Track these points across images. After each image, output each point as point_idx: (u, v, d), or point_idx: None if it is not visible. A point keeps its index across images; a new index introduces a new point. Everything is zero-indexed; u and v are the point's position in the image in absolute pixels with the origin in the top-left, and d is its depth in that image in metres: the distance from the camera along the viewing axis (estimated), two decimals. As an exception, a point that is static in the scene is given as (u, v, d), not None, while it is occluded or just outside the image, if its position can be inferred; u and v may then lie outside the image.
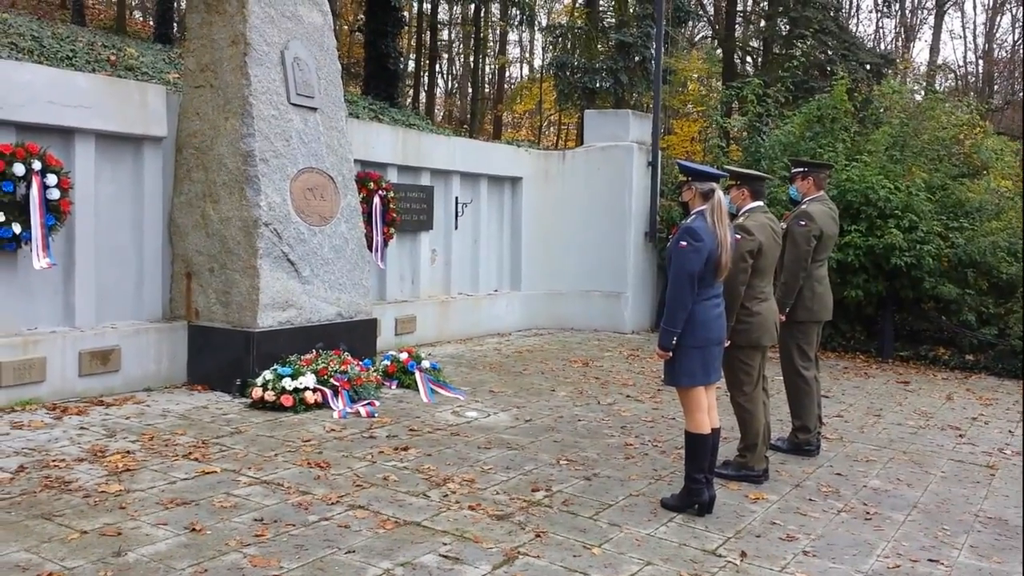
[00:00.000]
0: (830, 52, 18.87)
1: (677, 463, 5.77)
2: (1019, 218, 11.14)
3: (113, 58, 11.80)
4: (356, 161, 8.92)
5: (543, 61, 26.82)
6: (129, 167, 7.52)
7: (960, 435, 7.22)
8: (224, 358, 7.35)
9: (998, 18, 32.79)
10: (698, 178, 4.87)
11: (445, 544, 4.24)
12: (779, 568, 4.18)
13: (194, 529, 4.24)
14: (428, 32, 25.89)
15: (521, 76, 34.24)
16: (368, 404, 6.96)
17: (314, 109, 7.99)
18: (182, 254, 7.71)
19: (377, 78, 16.95)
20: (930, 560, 4.40)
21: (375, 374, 7.60)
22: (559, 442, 6.34)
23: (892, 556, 4.42)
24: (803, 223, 6.19)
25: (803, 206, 6.33)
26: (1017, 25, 32.65)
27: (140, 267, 7.58)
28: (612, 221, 12.40)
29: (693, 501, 4.87)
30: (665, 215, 12.69)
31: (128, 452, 5.49)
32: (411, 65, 26.77)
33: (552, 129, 32.30)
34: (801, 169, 6.47)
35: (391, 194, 9.51)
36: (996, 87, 31.63)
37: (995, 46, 33.08)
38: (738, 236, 5.20)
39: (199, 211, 7.59)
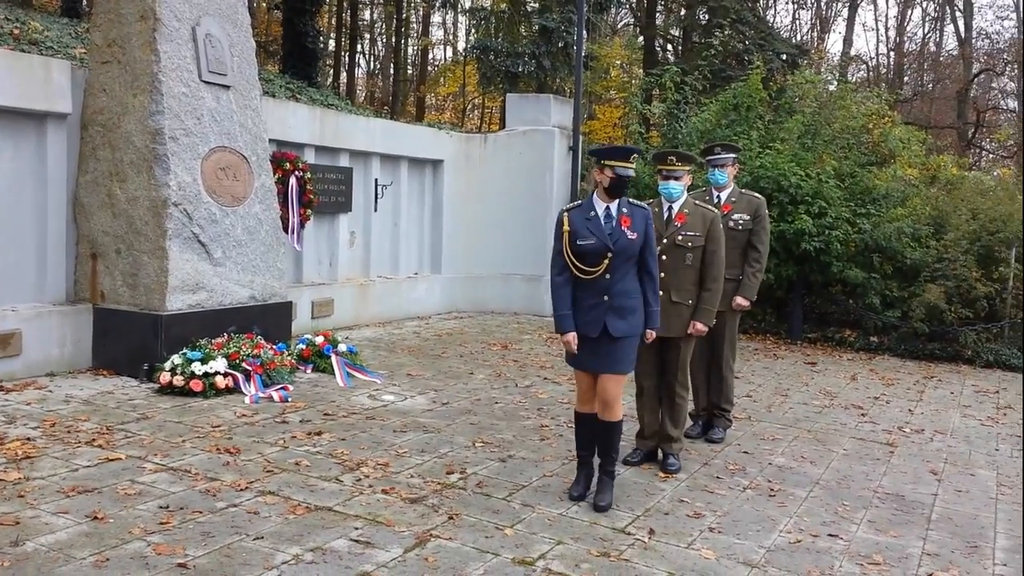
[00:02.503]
0: (747, 42, 19.22)
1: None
2: (923, 205, 11.57)
3: (16, 32, 11.30)
4: (272, 141, 8.73)
5: (466, 44, 26.68)
6: (32, 144, 7.23)
7: (862, 414, 7.49)
8: (131, 342, 7.15)
9: (909, 12, 33.93)
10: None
11: (357, 528, 4.21)
12: (686, 544, 4.28)
13: (96, 517, 4.13)
14: (348, 11, 25.49)
15: (444, 58, 34.05)
16: (281, 389, 6.86)
17: (227, 87, 7.80)
18: (87, 235, 7.46)
19: (295, 57, 16.57)
20: (830, 535, 4.56)
21: (289, 358, 7.48)
22: (475, 425, 6.36)
23: (794, 531, 4.57)
24: (766, 211, 6.34)
25: (756, 195, 6.45)
26: (927, 19, 33.86)
27: (43, 248, 7.30)
28: (533, 205, 12.45)
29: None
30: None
31: (28, 439, 5.30)
32: (331, 45, 26.33)
33: (476, 112, 32.20)
34: (734, 155, 6.52)
35: (308, 175, 9.35)
36: (906, 79, 32.73)
37: (906, 39, 34.23)
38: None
39: (105, 190, 7.35)
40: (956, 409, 7.95)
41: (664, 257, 5.35)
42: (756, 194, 6.52)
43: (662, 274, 5.15)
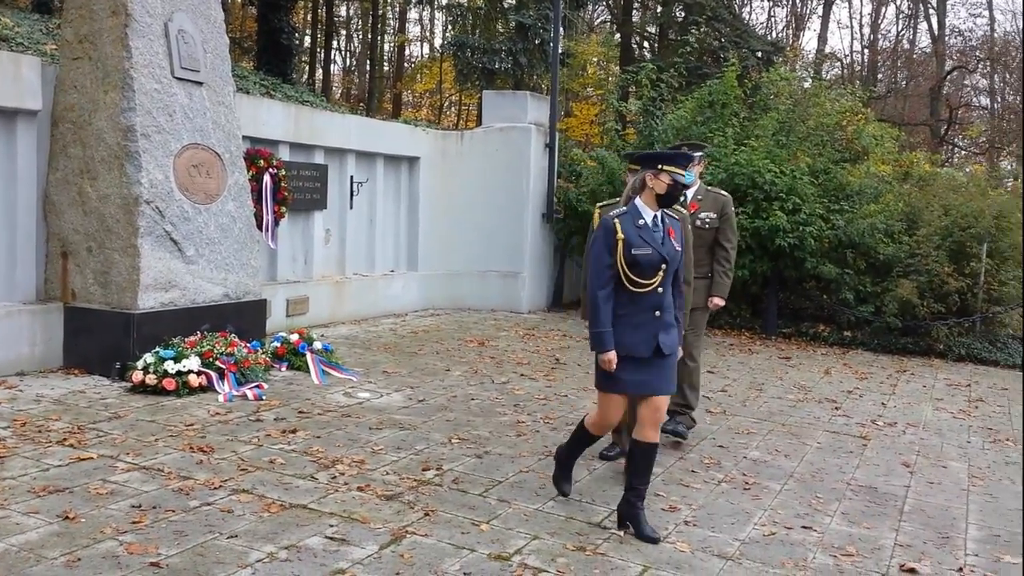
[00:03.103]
0: (723, 39, 19.28)
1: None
2: (896, 202, 11.68)
3: (-16, 26, 11.13)
4: (245, 138, 8.66)
5: (443, 40, 26.60)
6: (1, 142, 7.12)
7: (836, 407, 7.55)
8: (103, 341, 7.07)
9: (883, 9, 34.24)
10: None
11: (332, 526, 4.19)
12: (661, 537, 4.29)
13: (67, 517, 4.08)
14: (324, 7, 25.35)
15: (421, 55, 33.93)
16: (256, 387, 6.81)
17: (200, 83, 7.73)
18: (58, 233, 7.37)
19: (269, 53, 16.45)
20: (803, 527, 4.59)
21: (264, 356, 7.43)
22: (451, 421, 6.35)
23: (768, 524, 4.60)
24: (732, 208, 6.35)
25: (722, 192, 6.44)
26: (901, 16, 34.18)
27: (12, 246, 7.20)
28: (510, 202, 12.45)
29: None
30: (562, 197, 12.82)
31: (-3, 439, 5.24)
32: (307, 41, 26.18)
33: (453, 109, 32.13)
34: (700, 153, 6.52)
35: (282, 172, 9.28)
36: (880, 76, 33.01)
37: (880, 36, 34.55)
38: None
39: (76, 188, 7.26)
40: (928, 402, 8.03)
41: None
42: (722, 191, 6.51)
43: None
